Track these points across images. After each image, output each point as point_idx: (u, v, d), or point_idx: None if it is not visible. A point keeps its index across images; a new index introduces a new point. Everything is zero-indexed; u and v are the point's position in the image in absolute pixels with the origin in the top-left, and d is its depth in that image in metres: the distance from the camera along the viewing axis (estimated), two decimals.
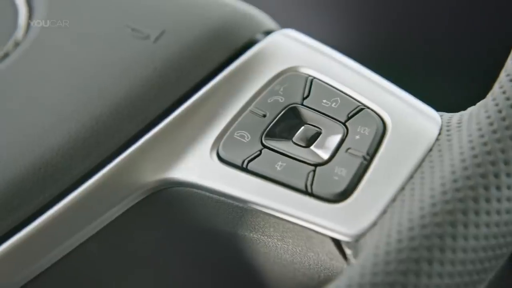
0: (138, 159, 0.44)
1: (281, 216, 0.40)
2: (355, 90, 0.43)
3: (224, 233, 0.44)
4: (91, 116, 0.45)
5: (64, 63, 0.46)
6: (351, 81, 0.43)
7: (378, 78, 0.43)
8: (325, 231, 0.39)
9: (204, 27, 0.47)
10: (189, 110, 0.45)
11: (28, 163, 0.44)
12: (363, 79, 0.43)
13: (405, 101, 0.42)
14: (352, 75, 0.43)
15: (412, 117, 0.41)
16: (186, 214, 0.44)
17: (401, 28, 0.69)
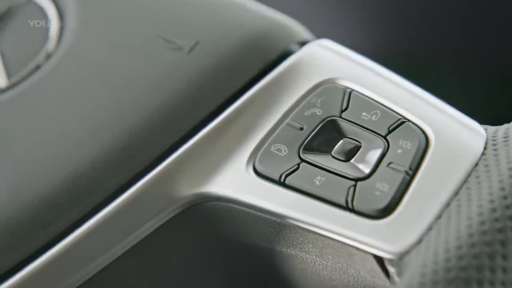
0: (173, 173, 0.43)
1: (321, 232, 0.39)
2: (396, 102, 0.41)
3: (261, 249, 0.42)
4: (125, 128, 0.44)
5: (96, 75, 0.45)
6: (391, 93, 0.42)
7: (419, 90, 0.42)
8: (367, 248, 0.38)
9: (238, 38, 0.46)
10: (224, 123, 0.44)
11: (61, 177, 0.43)
12: (403, 91, 0.42)
13: (447, 114, 0.41)
14: (391, 87, 0.42)
15: (455, 131, 0.40)
16: (222, 229, 0.43)
17: (431, 31, 0.67)
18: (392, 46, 0.67)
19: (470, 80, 0.67)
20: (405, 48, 0.68)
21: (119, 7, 0.48)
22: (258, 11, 0.48)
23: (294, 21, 0.48)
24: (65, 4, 0.48)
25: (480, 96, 0.64)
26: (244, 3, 0.48)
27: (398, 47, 0.68)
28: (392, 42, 0.68)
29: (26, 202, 0.42)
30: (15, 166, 0.43)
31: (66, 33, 0.48)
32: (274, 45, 0.46)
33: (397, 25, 0.68)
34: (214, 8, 0.47)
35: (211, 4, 0.48)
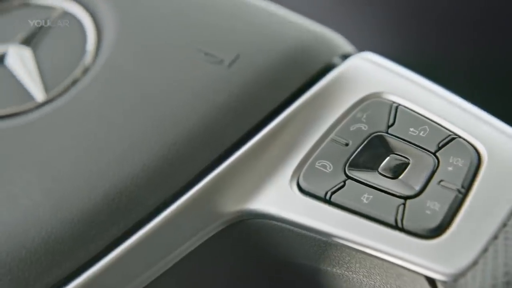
0: (214, 189, 0.42)
1: (369, 252, 0.38)
2: (445, 118, 0.40)
3: (305, 267, 0.41)
4: (165, 144, 0.43)
5: (135, 89, 0.44)
6: (439, 108, 0.40)
7: (468, 105, 0.40)
8: (418, 269, 0.36)
9: (280, 51, 0.45)
10: (266, 138, 0.42)
11: (101, 194, 0.41)
12: (452, 105, 0.40)
13: (499, 129, 0.39)
14: (440, 102, 0.41)
15: (509, 147, 0.38)
16: (265, 247, 0.41)
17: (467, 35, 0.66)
18: (411, 51, 0.66)
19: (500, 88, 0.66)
20: (425, 54, 0.67)
21: (158, 19, 0.46)
22: (299, 24, 0.46)
23: (336, 34, 0.47)
24: (102, 16, 0.47)
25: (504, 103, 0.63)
26: (285, 15, 0.47)
27: (418, 52, 0.67)
28: (411, 47, 0.67)
29: (66, 219, 0.41)
30: (54, 182, 0.42)
31: (103, 46, 0.46)
32: (317, 58, 0.45)
33: (415, 30, 0.67)
34: (255, 20, 0.46)
35: (252, 16, 0.46)
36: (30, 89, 0.45)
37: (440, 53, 0.66)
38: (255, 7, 0.47)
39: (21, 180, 0.42)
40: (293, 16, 0.47)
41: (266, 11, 0.47)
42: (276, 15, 0.47)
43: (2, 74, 0.46)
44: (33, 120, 0.44)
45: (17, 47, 0.47)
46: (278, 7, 0.48)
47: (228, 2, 0.47)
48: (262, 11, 0.47)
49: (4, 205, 0.41)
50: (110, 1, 0.47)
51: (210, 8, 0.47)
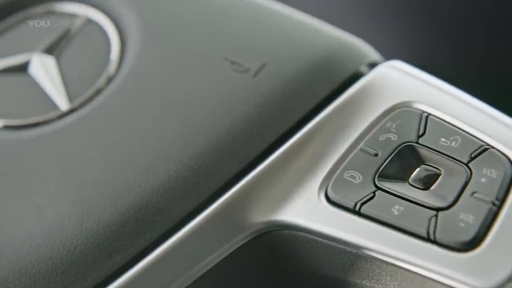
0: (241, 200, 0.41)
1: (400, 264, 0.37)
2: (477, 127, 0.39)
3: (333, 279, 0.40)
4: (191, 154, 0.42)
5: (160, 98, 0.43)
6: (471, 117, 0.39)
7: (500, 114, 0.39)
8: (452, 283, 0.35)
9: (306, 59, 0.44)
10: (293, 148, 0.41)
11: (127, 204, 0.41)
12: (484, 115, 0.39)
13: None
14: (471, 111, 0.40)
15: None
16: (292, 259, 0.40)
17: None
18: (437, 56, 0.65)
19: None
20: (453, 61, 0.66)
21: (183, 27, 0.46)
22: (326, 31, 0.45)
23: (362, 42, 0.46)
24: (126, 24, 0.46)
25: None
26: (311, 23, 0.46)
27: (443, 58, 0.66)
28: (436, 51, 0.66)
29: (92, 230, 0.40)
30: (79, 192, 0.41)
31: (127, 54, 0.46)
32: (344, 67, 0.44)
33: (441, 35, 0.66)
34: (281, 28, 0.45)
35: (278, 24, 0.45)
36: (54, 98, 0.45)
37: (454, 58, 0.65)
38: (281, 14, 0.46)
39: (47, 191, 0.41)
40: (319, 24, 0.46)
41: (292, 19, 0.46)
42: (302, 22, 0.46)
43: (26, 82, 0.45)
44: (57, 129, 0.43)
45: (40, 55, 0.46)
46: (304, 14, 0.47)
47: (254, 10, 0.46)
48: (288, 19, 0.46)
49: (31, 216, 0.41)
50: (134, 9, 0.46)
51: (235, 16, 0.46)
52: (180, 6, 0.47)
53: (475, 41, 0.65)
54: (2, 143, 0.43)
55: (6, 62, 0.46)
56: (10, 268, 0.40)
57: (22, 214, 0.41)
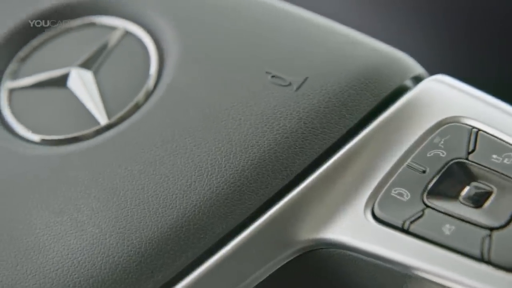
0: (285, 217, 0.39)
1: (453, 286, 0.35)
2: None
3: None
4: (234, 170, 0.40)
5: (200, 113, 0.42)
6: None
7: None
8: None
9: (350, 73, 0.42)
10: (338, 164, 0.40)
11: (169, 222, 0.39)
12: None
13: None
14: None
15: None
16: (338, 278, 0.39)
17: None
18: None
19: None
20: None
21: (223, 40, 0.44)
22: (368, 44, 0.44)
23: (406, 55, 0.44)
24: (165, 38, 0.45)
25: None
26: (354, 36, 0.44)
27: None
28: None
29: (133, 248, 0.39)
30: (121, 209, 0.40)
31: (166, 68, 0.44)
32: (388, 81, 0.42)
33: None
34: (323, 41, 0.44)
35: (320, 37, 0.44)
36: (93, 113, 0.44)
37: (494, 71, 0.64)
38: (323, 27, 0.45)
39: (87, 207, 0.40)
40: (361, 36, 0.45)
41: (334, 31, 0.45)
42: (344, 35, 0.44)
43: (64, 96, 0.44)
44: (96, 145, 0.42)
45: (79, 69, 0.45)
46: (344, 26, 0.46)
47: (295, 22, 0.45)
48: (330, 31, 0.45)
49: (72, 233, 0.40)
50: (172, 22, 0.45)
51: (276, 28, 0.44)
52: (219, 18, 0.45)
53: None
54: (41, 158, 0.42)
55: (45, 76, 0.45)
56: (52, 286, 0.39)
57: (63, 230, 0.40)
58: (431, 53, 0.63)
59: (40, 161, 0.42)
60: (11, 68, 0.45)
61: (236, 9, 0.46)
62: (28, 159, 0.42)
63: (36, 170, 0.42)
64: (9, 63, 0.45)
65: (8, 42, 0.46)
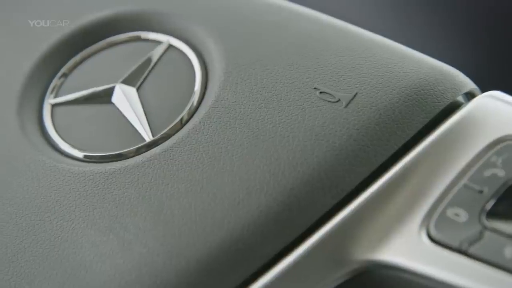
0: (336, 237, 0.38)
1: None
2: None
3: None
4: (283, 188, 0.39)
5: (247, 130, 0.41)
6: None
7: None
8: None
9: (401, 89, 0.41)
10: (390, 183, 0.38)
11: (217, 241, 0.38)
12: None
13: None
14: None
15: None
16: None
17: None
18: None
19: None
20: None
21: (269, 55, 0.43)
22: (418, 59, 0.42)
23: (457, 70, 0.43)
24: (209, 53, 0.44)
25: None
26: (403, 50, 0.43)
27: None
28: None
29: (181, 267, 0.38)
30: (168, 228, 0.38)
31: (211, 84, 0.43)
32: (441, 97, 0.41)
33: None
34: (371, 56, 0.42)
35: (368, 51, 0.42)
36: (138, 129, 0.42)
37: None
38: (371, 41, 0.43)
39: (134, 226, 0.39)
40: (409, 50, 0.43)
41: (382, 46, 0.43)
42: (395, 50, 0.43)
43: (108, 112, 0.43)
44: (142, 162, 0.41)
45: (123, 84, 0.43)
46: (392, 41, 0.45)
47: (342, 36, 0.43)
48: (378, 46, 0.43)
49: (119, 252, 0.38)
50: (217, 37, 0.44)
51: (324, 43, 0.43)
52: (264, 32, 0.44)
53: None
54: (85, 175, 0.41)
55: (88, 91, 0.44)
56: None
57: (110, 250, 0.38)
58: (475, 68, 0.62)
59: (85, 179, 0.40)
60: (54, 83, 0.44)
61: (282, 23, 0.44)
62: (72, 176, 0.41)
63: (81, 187, 0.40)
64: (52, 78, 0.44)
65: (51, 58, 0.45)
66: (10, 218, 0.40)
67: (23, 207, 0.40)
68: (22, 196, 0.40)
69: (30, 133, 0.43)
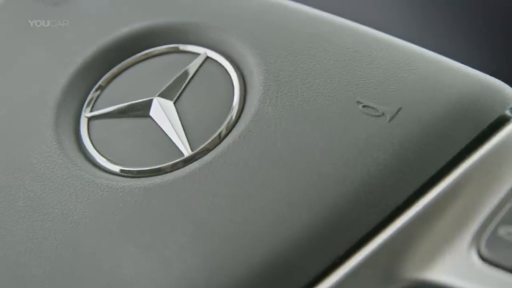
0: (383, 255, 0.36)
1: None
2: None
3: None
4: (326, 204, 0.37)
5: (288, 145, 0.39)
6: None
7: None
8: None
9: (446, 103, 0.39)
10: (437, 200, 0.37)
11: (259, 258, 0.36)
12: None
13: None
14: None
15: None
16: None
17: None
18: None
19: None
20: None
21: (309, 68, 0.41)
22: (463, 71, 0.41)
23: (504, 83, 0.41)
24: (248, 66, 0.43)
25: None
26: (447, 62, 0.41)
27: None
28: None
29: (222, 284, 0.36)
30: (208, 244, 0.37)
31: (250, 98, 0.42)
32: (488, 110, 0.39)
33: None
34: (415, 68, 0.41)
35: (411, 64, 0.41)
36: (176, 143, 0.41)
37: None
38: (413, 53, 0.42)
39: (174, 243, 0.37)
40: (453, 63, 0.42)
41: (425, 57, 0.41)
42: (436, 61, 0.41)
43: (145, 126, 0.42)
44: (181, 177, 0.39)
45: (160, 97, 0.42)
46: (433, 52, 0.43)
47: (384, 48, 0.42)
48: (421, 58, 0.41)
49: (158, 269, 0.37)
50: (256, 50, 0.42)
51: (366, 55, 0.41)
52: (304, 45, 0.42)
53: None
54: (123, 190, 0.39)
55: (126, 105, 0.42)
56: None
57: (150, 266, 0.37)
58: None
59: (124, 194, 0.39)
60: (91, 96, 0.43)
61: (322, 35, 0.43)
62: (111, 191, 0.39)
63: (120, 203, 0.39)
64: (89, 91, 0.43)
65: (88, 70, 0.44)
66: (49, 234, 0.39)
67: (61, 222, 0.39)
68: (60, 211, 0.39)
69: (67, 147, 0.41)
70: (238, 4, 0.45)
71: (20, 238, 0.38)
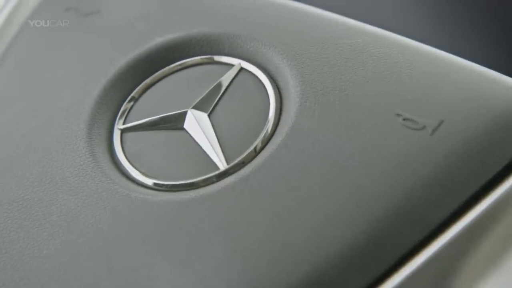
0: (425, 273, 0.35)
1: None
2: None
3: None
4: (367, 220, 0.36)
5: (326, 159, 0.38)
6: None
7: None
8: None
9: (490, 115, 0.38)
10: (483, 216, 0.36)
11: (300, 274, 0.35)
12: None
13: None
14: None
15: None
16: None
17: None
18: None
19: None
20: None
21: (346, 79, 0.40)
22: (507, 83, 0.40)
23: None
24: (284, 78, 0.41)
25: None
26: (489, 73, 0.40)
27: None
28: None
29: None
30: (246, 260, 0.36)
31: (286, 110, 0.40)
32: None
33: None
34: (457, 80, 0.39)
35: (453, 75, 0.40)
36: (212, 157, 0.40)
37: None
38: (455, 64, 0.40)
39: (212, 259, 0.36)
40: (496, 74, 0.41)
41: (467, 69, 0.40)
42: (478, 72, 0.40)
43: (178, 139, 0.41)
44: (217, 191, 0.38)
45: (194, 110, 0.41)
46: (474, 63, 0.42)
47: (424, 59, 0.41)
48: (462, 69, 0.40)
49: (195, 285, 0.36)
50: (292, 61, 0.41)
51: (405, 66, 0.40)
52: (341, 55, 0.41)
53: None
54: (158, 204, 0.38)
55: (159, 117, 0.41)
56: None
57: (186, 283, 0.36)
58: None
59: (159, 208, 0.38)
60: (124, 107, 0.42)
61: (360, 46, 0.41)
62: (145, 205, 0.38)
63: (155, 217, 0.38)
64: (122, 102, 0.42)
65: (121, 82, 0.42)
66: (83, 249, 0.37)
67: (95, 237, 0.38)
68: (94, 226, 0.38)
69: (101, 160, 0.40)
70: (272, 15, 0.43)
71: (54, 253, 0.37)
